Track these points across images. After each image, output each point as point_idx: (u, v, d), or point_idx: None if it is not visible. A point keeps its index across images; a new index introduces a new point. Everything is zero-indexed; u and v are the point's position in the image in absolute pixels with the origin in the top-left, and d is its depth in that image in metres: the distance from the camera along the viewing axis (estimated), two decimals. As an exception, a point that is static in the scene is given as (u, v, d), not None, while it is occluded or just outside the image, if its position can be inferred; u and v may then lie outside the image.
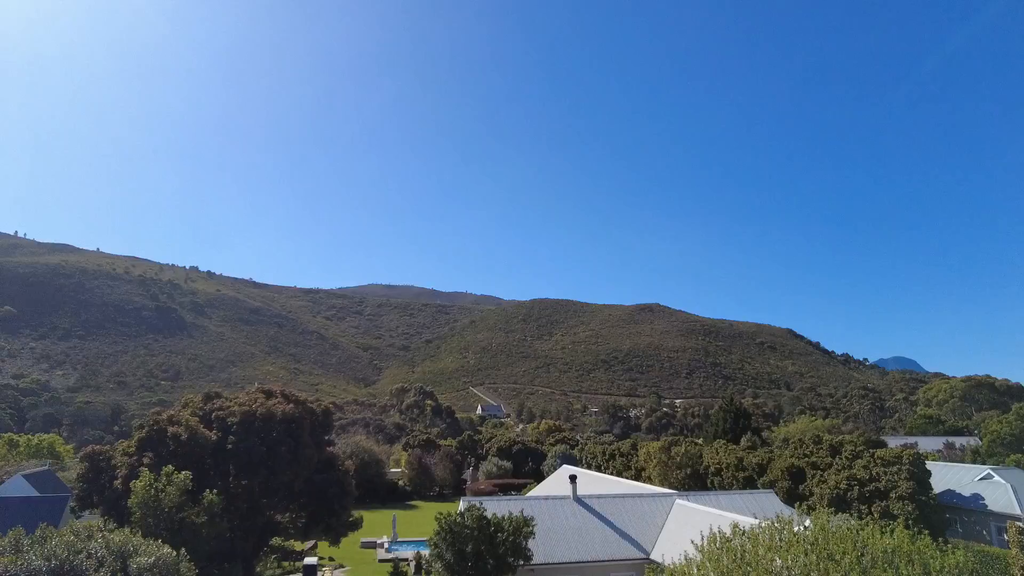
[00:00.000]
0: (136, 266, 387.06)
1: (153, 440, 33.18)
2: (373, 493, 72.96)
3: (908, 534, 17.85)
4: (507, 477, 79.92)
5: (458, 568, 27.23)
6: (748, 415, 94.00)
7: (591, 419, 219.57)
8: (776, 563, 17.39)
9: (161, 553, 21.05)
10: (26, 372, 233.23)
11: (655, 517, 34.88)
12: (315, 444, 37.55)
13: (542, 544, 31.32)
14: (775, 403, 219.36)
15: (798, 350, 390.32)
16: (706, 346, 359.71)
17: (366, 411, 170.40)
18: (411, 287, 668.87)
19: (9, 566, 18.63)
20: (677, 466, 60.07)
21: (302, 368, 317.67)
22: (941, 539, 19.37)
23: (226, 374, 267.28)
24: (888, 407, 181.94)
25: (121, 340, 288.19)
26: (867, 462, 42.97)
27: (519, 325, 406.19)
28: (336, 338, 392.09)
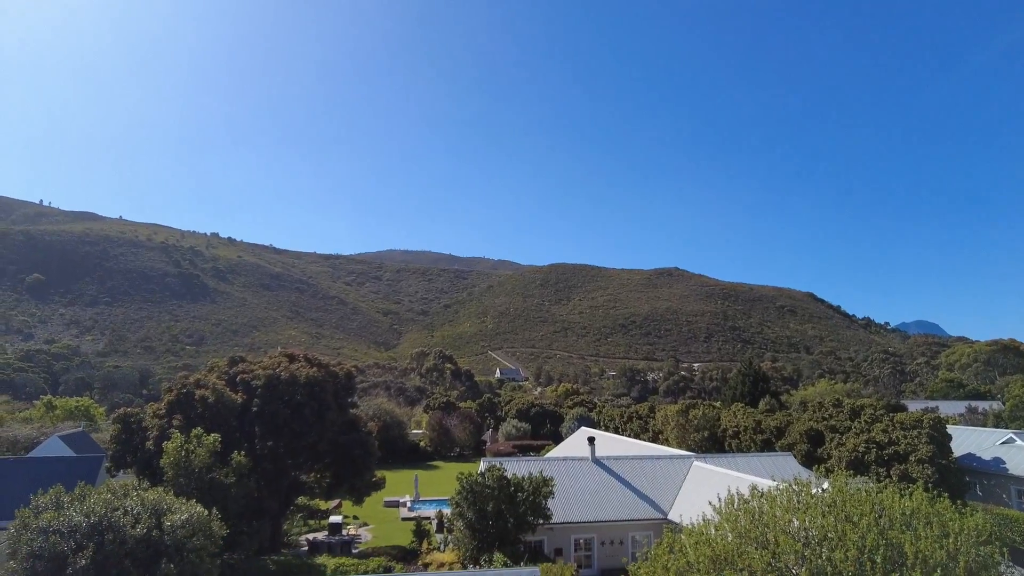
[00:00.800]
0: (158, 233, 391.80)
1: (182, 403, 34.07)
2: (395, 454, 74.57)
3: (927, 497, 17.91)
4: (526, 439, 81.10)
5: (479, 526, 27.89)
6: (767, 379, 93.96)
7: (609, 382, 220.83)
8: (794, 524, 17.58)
9: (193, 511, 21.84)
10: (57, 337, 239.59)
11: (673, 479, 35.29)
12: (338, 406, 38.31)
13: (561, 504, 31.92)
14: (794, 367, 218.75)
15: (818, 314, 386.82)
16: (725, 310, 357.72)
17: (387, 374, 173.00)
18: (429, 252, 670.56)
19: (52, 521, 19.48)
20: (694, 429, 60.40)
21: (324, 332, 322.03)
22: (960, 502, 19.45)
23: (249, 339, 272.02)
24: (909, 371, 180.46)
25: (146, 306, 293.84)
26: (886, 426, 42.86)
27: (537, 290, 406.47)
28: (356, 303, 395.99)
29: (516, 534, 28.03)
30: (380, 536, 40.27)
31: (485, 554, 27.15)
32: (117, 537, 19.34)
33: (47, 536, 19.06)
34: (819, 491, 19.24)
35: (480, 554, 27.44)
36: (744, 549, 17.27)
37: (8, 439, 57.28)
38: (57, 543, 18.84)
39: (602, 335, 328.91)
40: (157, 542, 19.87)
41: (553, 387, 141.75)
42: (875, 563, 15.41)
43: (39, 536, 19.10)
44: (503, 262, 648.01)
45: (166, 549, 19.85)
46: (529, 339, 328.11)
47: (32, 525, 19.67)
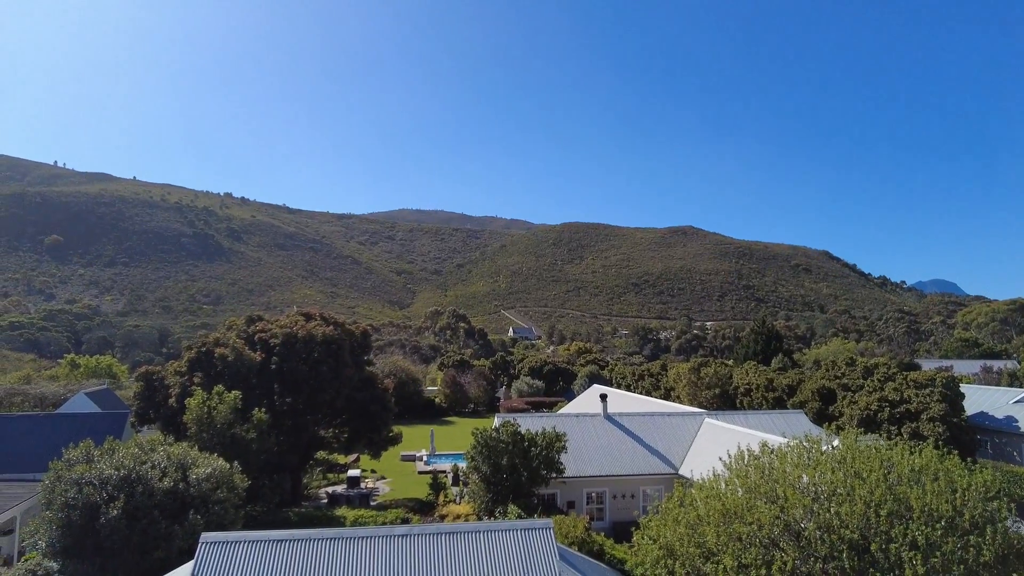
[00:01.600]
0: (172, 194, 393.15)
1: (202, 361, 34.81)
2: (411, 410, 75.97)
3: (936, 454, 18.09)
4: (539, 396, 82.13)
5: (494, 480, 28.57)
6: (780, 337, 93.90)
7: (621, 341, 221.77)
8: (803, 480, 17.88)
9: (216, 465, 22.59)
10: (78, 297, 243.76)
11: (684, 435, 35.76)
12: (355, 364, 38.96)
13: (573, 458, 32.54)
14: (808, 326, 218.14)
15: (833, 272, 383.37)
16: (739, 268, 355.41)
17: (402, 333, 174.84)
18: (441, 212, 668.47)
19: (84, 474, 20.27)
20: (706, 386, 60.83)
21: (338, 292, 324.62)
22: (970, 459, 19.62)
23: (265, 298, 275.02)
24: (924, 330, 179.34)
25: (163, 267, 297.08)
26: (899, 384, 42.91)
27: (550, 249, 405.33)
28: (370, 263, 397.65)
29: (530, 487, 28.72)
30: (397, 489, 41.41)
31: (500, 506, 27.91)
32: (146, 489, 20.12)
33: (80, 488, 19.85)
34: (829, 448, 19.49)
35: (495, 506, 28.21)
36: (753, 503, 17.63)
37: (37, 396, 58.98)
38: (91, 494, 19.64)
39: (615, 294, 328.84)
40: (183, 494, 20.65)
41: (566, 346, 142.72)
42: (881, 516, 15.71)
43: (73, 487, 19.90)
44: (516, 221, 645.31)
45: (192, 501, 20.63)
46: (542, 298, 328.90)
47: (65, 477, 20.49)
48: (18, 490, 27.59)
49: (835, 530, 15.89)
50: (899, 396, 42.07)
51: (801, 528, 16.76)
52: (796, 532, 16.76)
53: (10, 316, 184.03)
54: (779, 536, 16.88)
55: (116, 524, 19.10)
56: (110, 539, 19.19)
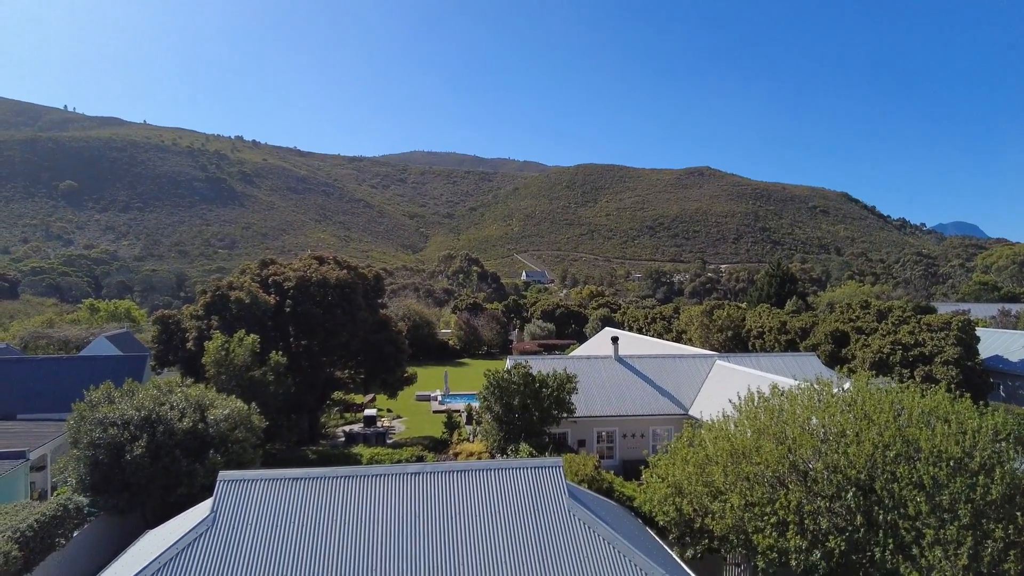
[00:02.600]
0: (183, 137, 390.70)
1: (217, 304, 35.22)
2: (425, 352, 77.07)
3: (948, 397, 18.05)
4: (551, 339, 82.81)
5: (506, 419, 29.10)
6: (794, 280, 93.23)
7: (634, 285, 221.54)
8: (813, 422, 17.99)
9: (234, 406, 23.12)
10: (95, 243, 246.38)
11: (695, 376, 36.00)
12: (368, 307, 39.30)
13: (584, 399, 32.98)
14: (823, 268, 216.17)
15: (852, 214, 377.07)
16: (756, 210, 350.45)
17: (415, 277, 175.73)
18: (453, 154, 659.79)
19: (108, 414, 20.87)
20: (718, 329, 60.85)
21: (352, 235, 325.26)
22: (982, 402, 19.58)
23: (279, 242, 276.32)
24: (942, 273, 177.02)
25: (177, 211, 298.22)
26: (913, 327, 42.62)
27: (563, 192, 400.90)
28: (382, 206, 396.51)
29: (541, 427, 29.24)
30: (413, 428, 42.39)
31: (512, 445, 28.51)
32: (167, 429, 20.71)
33: (105, 427, 20.47)
34: (840, 391, 19.51)
35: (507, 445, 28.83)
36: (762, 444, 17.82)
37: (60, 339, 60.41)
38: (115, 434, 20.26)
39: (629, 237, 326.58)
40: (203, 434, 21.24)
41: (578, 289, 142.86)
42: (888, 457, 15.82)
43: (97, 427, 20.53)
44: (529, 163, 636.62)
45: (211, 440, 21.24)
46: (555, 242, 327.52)
47: (89, 417, 21.11)
48: (47, 429, 28.55)
49: (842, 470, 16.06)
50: (913, 339, 41.85)
51: (808, 468, 16.97)
52: (803, 472, 16.98)
53: (31, 261, 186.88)
54: (786, 476, 17.12)
55: (140, 462, 19.76)
56: (135, 476, 19.91)
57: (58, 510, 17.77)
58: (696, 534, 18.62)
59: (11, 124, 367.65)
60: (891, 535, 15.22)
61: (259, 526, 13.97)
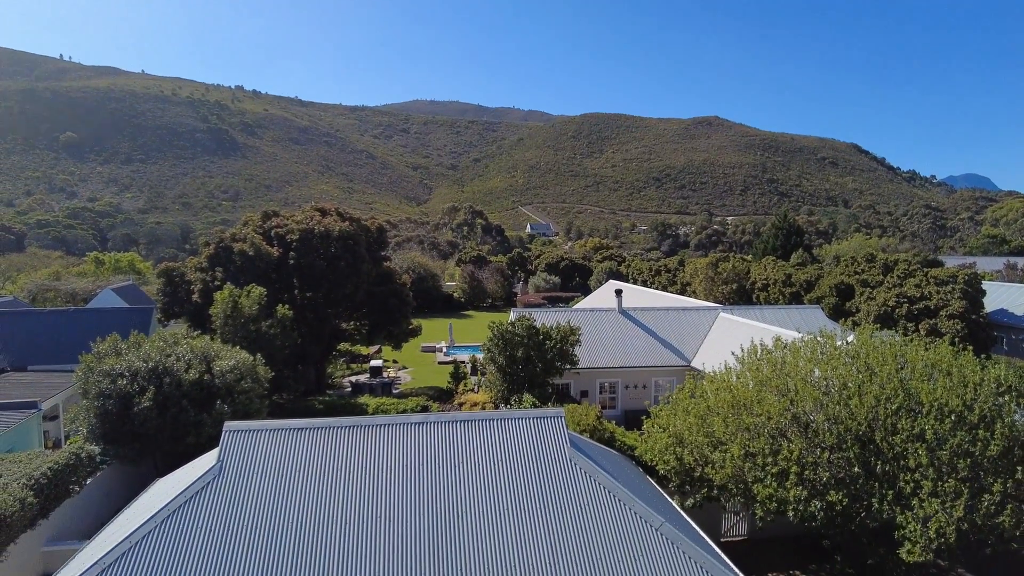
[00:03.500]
0: (182, 87, 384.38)
1: (221, 257, 35.20)
2: (430, 304, 77.44)
3: (951, 350, 18.03)
4: (555, 291, 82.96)
5: (510, 371, 29.37)
6: (801, 232, 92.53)
7: (639, 237, 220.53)
8: (815, 374, 18.03)
9: (240, 357, 23.32)
10: (99, 195, 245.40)
11: (698, 329, 36.07)
12: (372, 259, 39.24)
13: (587, 351, 33.18)
14: (830, 221, 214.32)
15: (861, 166, 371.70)
16: (764, 162, 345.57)
17: (419, 229, 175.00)
18: (456, 103, 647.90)
19: (115, 365, 21.10)
20: (723, 281, 60.74)
21: (355, 187, 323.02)
22: (985, 356, 19.58)
23: (282, 194, 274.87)
24: (950, 227, 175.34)
25: (179, 163, 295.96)
26: (919, 280, 42.40)
27: (568, 142, 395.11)
28: (385, 157, 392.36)
29: (544, 378, 29.52)
30: (418, 378, 42.90)
31: (515, 395, 28.86)
32: (173, 380, 20.95)
33: (112, 379, 20.72)
34: (843, 344, 19.50)
35: (511, 395, 29.18)
36: (763, 396, 17.93)
37: (67, 292, 60.76)
38: (123, 385, 20.53)
39: (635, 189, 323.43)
40: (209, 385, 21.49)
41: (583, 242, 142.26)
42: (890, 410, 15.91)
43: (105, 379, 20.78)
44: (533, 112, 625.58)
45: (218, 391, 21.49)
46: (560, 194, 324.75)
47: (96, 368, 21.34)
48: (57, 379, 28.99)
49: (843, 422, 16.18)
50: (919, 292, 41.69)
51: (809, 420, 17.11)
52: (804, 423, 17.12)
53: (36, 214, 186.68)
54: (787, 427, 17.28)
55: (148, 413, 20.06)
56: (144, 426, 20.24)
57: (71, 458, 18.15)
58: (696, 483, 18.94)
59: (7, 74, 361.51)
60: (890, 486, 15.43)
61: (264, 475, 14.23)
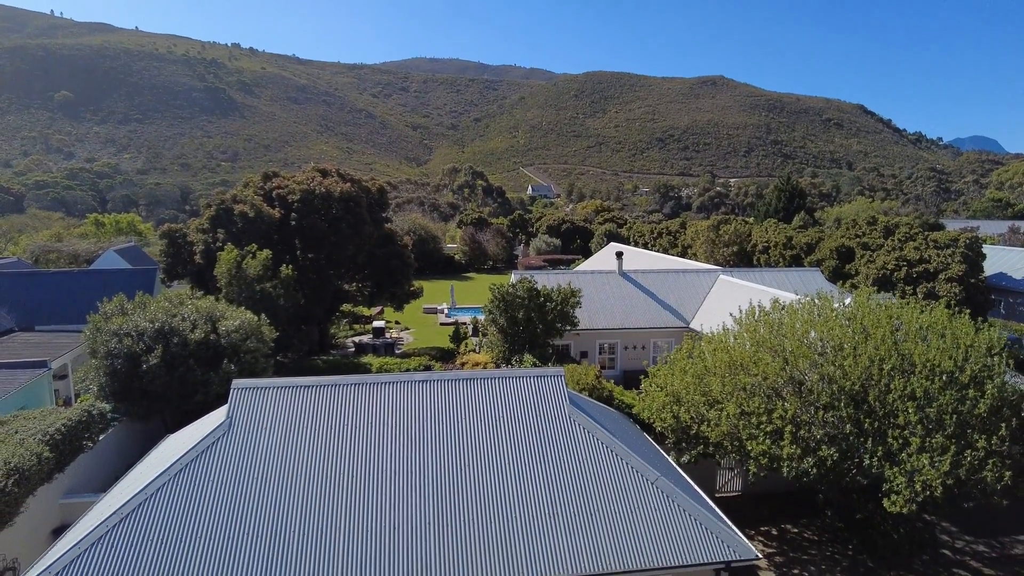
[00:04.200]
0: (177, 45, 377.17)
1: (222, 218, 35.23)
2: (431, 266, 77.67)
3: (947, 313, 18.29)
4: (556, 254, 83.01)
5: (511, 331, 29.75)
6: (803, 195, 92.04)
7: (641, 199, 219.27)
8: (811, 335, 18.34)
9: (245, 317, 23.64)
10: (97, 156, 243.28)
11: (698, 291, 36.35)
12: (373, 221, 39.28)
13: (588, 312, 33.53)
14: (834, 183, 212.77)
15: (867, 128, 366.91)
16: (768, 123, 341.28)
17: (420, 190, 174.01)
18: (456, 60, 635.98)
19: (123, 325, 21.44)
20: (724, 244, 60.75)
21: (354, 147, 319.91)
22: (980, 319, 19.83)
23: (282, 154, 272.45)
24: (955, 190, 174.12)
25: (177, 123, 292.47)
26: (920, 244, 42.41)
27: (571, 102, 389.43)
28: (384, 116, 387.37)
29: (545, 339, 29.93)
30: (421, 339, 43.40)
31: (516, 356, 29.30)
32: (180, 340, 21.31)
33: (120, 338, 21.08)
34: (841, 306, 19.75)
35: (511, 355, 29.63)
36: (760, 356, 18.27)
37: (69, 253, 60.91)
38: (130, 344, 20.89)
39: (638, 150, 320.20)
40: (215, 344, 21.86)
41: (584, 204, 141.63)
42: (883, 371, 16.25)
43: (113, 338, 21.14)
44: (535, 70, 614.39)
45: (224, 350, 21.87)
46: (562, 154, 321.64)
47: (104, 328, 21.69)
48: (65, 339, 29.40)
49: (837, 381, 16.54)
50: (919, 256, 41.76)
51: (804, 380, 17.48)
52: (799, 383, 17.50)
53: (34, 175, 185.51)
54: (782, 387, 17.67)
55: (156, 372, 20.48)
56: (152, 385, 20.68)
57: (83, 415, 18.61)
58: (692, 440, 19.43)
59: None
60: (880, 443, 15.88)
61: (272, 431, 14.66)
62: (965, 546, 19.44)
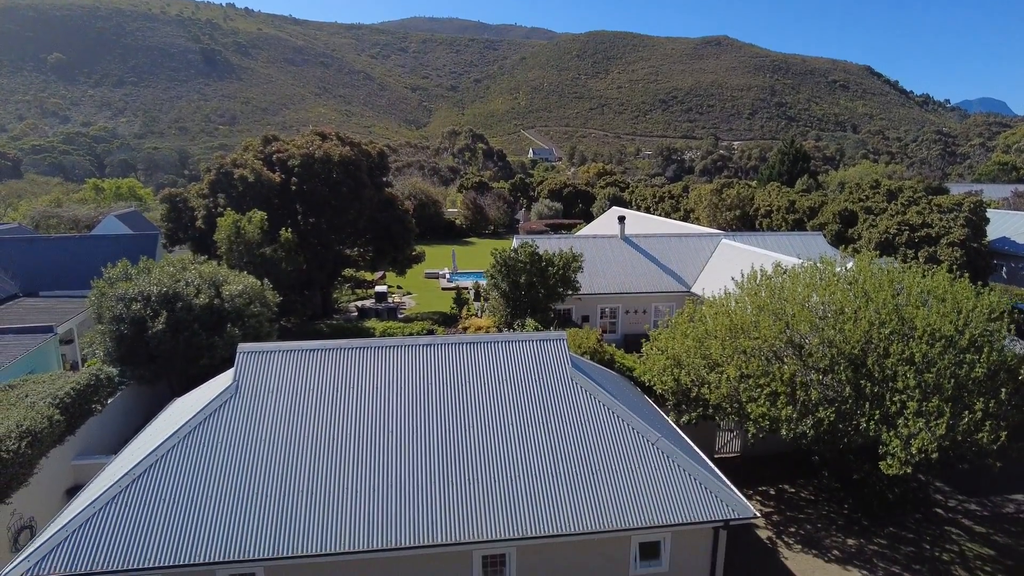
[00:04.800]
0: (171, 5, 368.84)
1: (222, 182, 35.04)
2: (432, 231, 77.40)
3: (948, 277, 18.33)
4: (557, 218, 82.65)
5: (512, 296, 29.88)
6: (807, 158, 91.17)
7: (644, 162, 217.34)
8: (813, 299, 18.42)
9: (248, 282, 23.73)
10: (93, 120, 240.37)
11: (699, 255, 36.36)
12: (374, 185, 39.05)
13: (589, 277, 33.62)
14: (838, 147, 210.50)
15: (873, 89, 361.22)
16: (773, 84, 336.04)
17: (420, 154, 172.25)
18: (456, 20, 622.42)
19: (127, 290, 21.54)
20: (727, 208, 60.47)
21: (353, 110, 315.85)
22: (981, 283, 19.89)
23: (280, 117, 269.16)
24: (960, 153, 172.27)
25: (173, 86, 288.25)
26: (923, 208, 42.19)
27: (573, 62, 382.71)
28: (383, 78, 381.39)
29: (546, 303, 30.08)
30: (423, 304, 43.58)
31: (518, 320, 29.48)
32: (185, 304, 21.43)
33: (125, 303, 21.20)
34: (842, 270, 19.79)
35: (513, 320, 29.80)
36: (761, 320, 18.39)
37: (69, 219, 60.73)
38: (136, 309, 21.03)
39: (640, 112, 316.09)
40: (219, 309, 21.98)
41: (586, 167, 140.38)
42: (883, 335, 16.37)
43: (118, 303, 21.25)
44: (536, 30, 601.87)
45: (228, 315, 22.01)
46: (563, 116, 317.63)
47: (109, 294, 21.81)
48: (70, 305, 29.57)
49: (837, 345, 16.68)
50: (921, 220, 41.59)
51: (804, 343, 17.63)
52: (799, 346, 17.65)
53: (30, 140, 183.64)
54: (782, 350, 17.83)
55: (162, 336, 20.66)
56: (158, 349, 20.89)
57: (91, 379, 18.85)
58: (692, 402, 19.69)
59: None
60: (877, 406, 16.10)
61: (278, 394, 14.89)
62: (958, 505, 19.87)
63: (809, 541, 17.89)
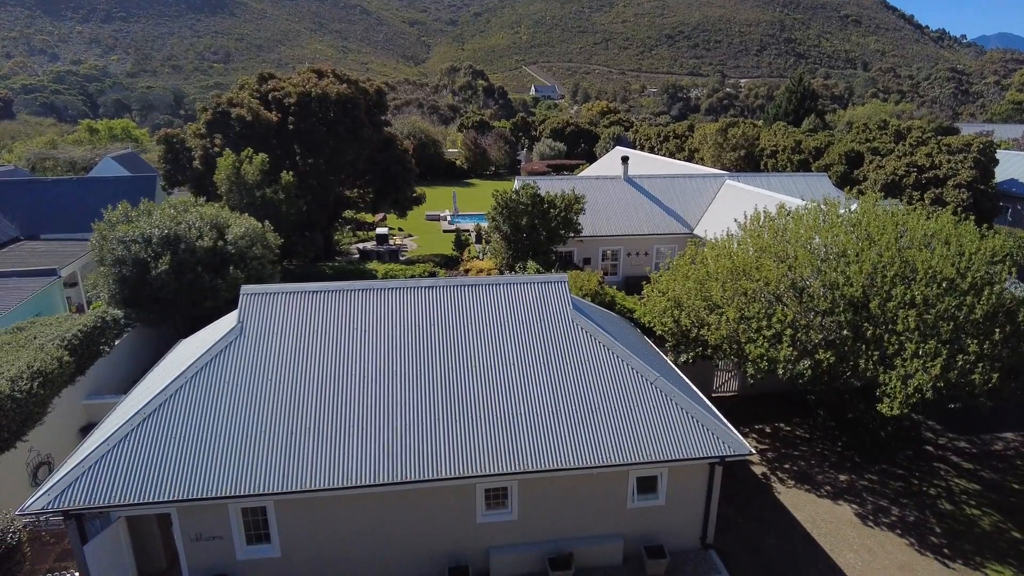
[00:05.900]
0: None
1: (219, 122, 34.42)
2: (432, 172, 76.52)
3: (952, 220, 18.21)
4: (560, 158, 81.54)
5: (514, 239, 29.82)
6: (815, 97, 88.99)
7: (649, 100, 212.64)
8: (815, 241, 18.37)
9: (249, 224, 23.64)
10: (83, 58, 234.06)
11: (703, 197, 36.05)
12: (372, 124, 38.36)
13: (591, 219, 33.46)
14: (847, 85, 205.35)
15: (886, 24, 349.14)
16: (783, 19, 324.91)
17: (419, 92, 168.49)
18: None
19: (128, 232, 21.49)
20: (732, 148, 59.57)
21: (349, 46, 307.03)
22: (986, 225, 19.77)
23: (275, 54, 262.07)
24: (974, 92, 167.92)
25: (164, 22, 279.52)
26: (931, 149, 41.52)
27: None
28: (380, 12, 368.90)
29: (548, 245, 30.05)
30: (424, 246, 43.56)
31: (520, 262, 29.53)
32: (187, 247, 21.42)
33: (127, 246, 21.19)
34: (846, 212, 19.65)
35: (515, 262, 29.85)
36: (763, 262, 18.39)
37: (66, 161, 59.96)
38: (138, 251, 21.03)
39: (646, 47, 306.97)
40: (222, 251, 21.98)
41: (589, 105, 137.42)
42: (886, 277, 16.40)
43: (120, 245, 21.24)
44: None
45: (230, 257, 22.03)
46: (566, 52, 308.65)
47: (110, 236, 21.76)
48: (72, 247, 29.59)
49: (839, 288, 16.74)
50: (929, 162, 41.00)
51: (806, 285, 17.68)
52: (800, 289, 17.72)
53: (20, 78, 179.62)
54: (784, 292, 17.90)
55: (165, 278, 20.73)
56: (162, 291, 21.00)
57: (98, 321, 19.05)
58: (691, 343, 19.92)
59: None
60: (876, 348, 16.28)
61: (282, 335, 15.08)
62: (948, 443, 20.39)
63: (802, 477, 18.45)
